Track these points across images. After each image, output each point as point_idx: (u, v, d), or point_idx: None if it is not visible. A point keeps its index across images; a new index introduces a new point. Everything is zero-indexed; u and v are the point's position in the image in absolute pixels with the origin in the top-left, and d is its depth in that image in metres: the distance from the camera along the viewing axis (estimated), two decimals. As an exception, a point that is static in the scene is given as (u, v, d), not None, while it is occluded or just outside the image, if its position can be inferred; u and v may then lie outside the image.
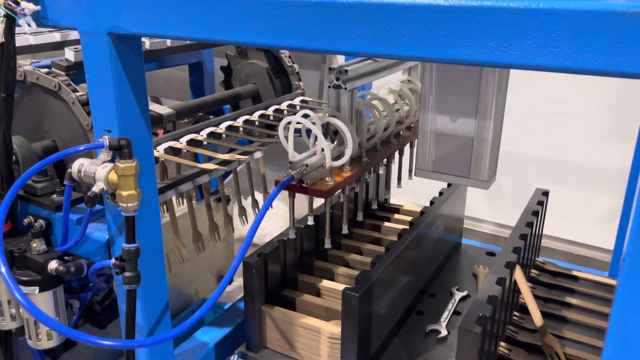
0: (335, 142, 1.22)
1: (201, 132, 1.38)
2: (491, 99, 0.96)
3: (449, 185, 1.70)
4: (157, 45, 1.55)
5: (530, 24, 0.62)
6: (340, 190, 1.27)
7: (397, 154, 1.49)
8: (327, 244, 1.28)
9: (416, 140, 1.24)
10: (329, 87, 1.19)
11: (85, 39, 0.98)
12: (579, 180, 2.66)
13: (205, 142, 1.36)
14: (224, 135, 1.43)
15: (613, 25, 0.57)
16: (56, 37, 1.47)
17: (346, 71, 1.17)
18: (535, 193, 1.59)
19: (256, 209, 1.67)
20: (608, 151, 2.54)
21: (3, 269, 0.90)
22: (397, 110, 1.49)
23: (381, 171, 1.43)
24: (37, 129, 1.28)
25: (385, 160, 1.42)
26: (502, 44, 0.64)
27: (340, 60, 3.16)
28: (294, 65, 1.81)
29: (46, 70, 1.23)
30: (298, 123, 1.14)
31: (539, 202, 1.53)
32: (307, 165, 1.11)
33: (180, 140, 1.32)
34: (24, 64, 1.27)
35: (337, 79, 1.18)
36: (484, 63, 0.66)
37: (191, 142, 1.33)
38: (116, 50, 0.96)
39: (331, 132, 1.23)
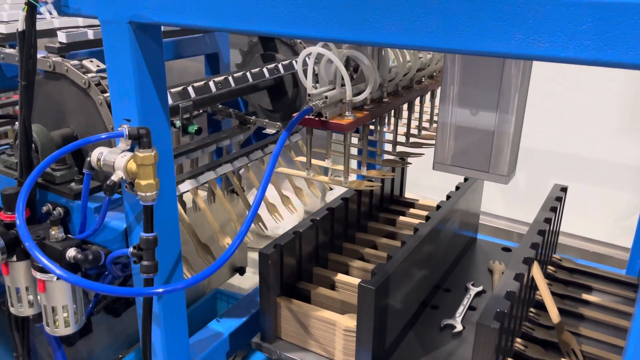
0: (355, 79, 1.14)
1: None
2: (514, 91, 0.95)
3: (465, 179, 1.68)
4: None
5: (560, 15, 0.60)
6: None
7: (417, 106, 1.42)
8: (345, 182, 1.17)
9: (438, 90, 1.16)
10: None
11: (106, 27, 0.98)
12: (595, 176, 2.62)
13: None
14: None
15: (646, 18, 0.56)
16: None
17: None
18: (553, 189, 1.58)
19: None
20: (626, 146, 2.50)
21: (38, 254, 0.91)
22: (420, 58, 1.41)
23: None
24: (57, 117, 1.29)
25: (405, 105, 1.34)
26: (530, 36, 0.62)
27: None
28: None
29: (76, 63, 1.21)
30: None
31: (557, 198, 1.51)
32: (326, 98, 1.03)
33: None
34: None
35: None
36: (511, 55, 0.65)
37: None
38: (137, 39, 0.96)
39: (351, 69, 1.15)
